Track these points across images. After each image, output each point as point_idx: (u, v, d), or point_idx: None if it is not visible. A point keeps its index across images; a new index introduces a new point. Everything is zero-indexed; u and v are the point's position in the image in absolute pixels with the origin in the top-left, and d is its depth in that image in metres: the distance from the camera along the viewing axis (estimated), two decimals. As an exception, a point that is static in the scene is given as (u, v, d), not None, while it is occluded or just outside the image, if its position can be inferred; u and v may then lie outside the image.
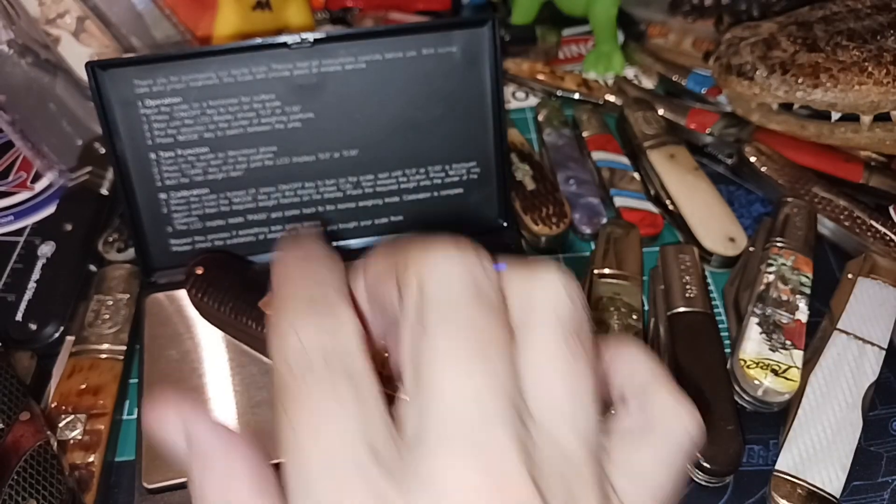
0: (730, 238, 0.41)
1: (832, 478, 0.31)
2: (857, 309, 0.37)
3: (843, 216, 0.42)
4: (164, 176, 0.37)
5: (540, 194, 0.43)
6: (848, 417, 0.33)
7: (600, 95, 0.51)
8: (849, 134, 0.44)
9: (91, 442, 0.33)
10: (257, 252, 0.39)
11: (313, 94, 0.36)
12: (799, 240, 0.39)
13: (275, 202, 0.38)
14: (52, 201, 0.46)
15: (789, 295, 0.36)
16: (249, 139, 0.37)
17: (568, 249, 0.43)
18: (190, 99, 0.35)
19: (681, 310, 0.37)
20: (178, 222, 0.37)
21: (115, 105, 0.35)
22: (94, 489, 0.32)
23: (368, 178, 0.39)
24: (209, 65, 0.35)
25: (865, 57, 0.41)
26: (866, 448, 0.34)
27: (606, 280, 0.38)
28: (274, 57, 0.35)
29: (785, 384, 0.33)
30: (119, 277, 0.39)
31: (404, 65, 0.37)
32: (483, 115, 0.38)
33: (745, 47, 0.44)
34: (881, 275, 0.38)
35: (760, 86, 0.43)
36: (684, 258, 0.39)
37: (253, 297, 0.33)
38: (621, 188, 0.44)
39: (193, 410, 0.17)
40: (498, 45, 0.37)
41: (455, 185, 0.40)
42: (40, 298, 0.38)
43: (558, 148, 0.47)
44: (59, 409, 0.33)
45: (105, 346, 0.36)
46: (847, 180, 0.45)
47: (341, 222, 0.39)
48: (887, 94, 0.41)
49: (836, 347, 0.35)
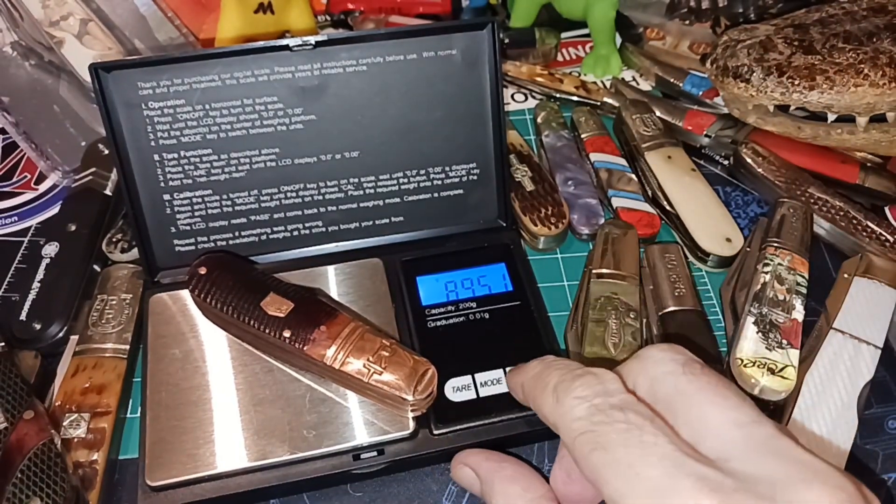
0: (726, 238, 0.41)
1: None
2: (853, 308, 0.37)
3: (839, 217, 0.42)
4: (168, 177, 0.37)
5: (539, 195, 0.43)
6: (844, 416, 0.33)
7: (598, 97, 0.52)
8: (845, 135, 0.44)
9: (95, 440, 0.33)
10: (260, 252, 0.39)
11: (315, 97, 0.37)
12: (795, 240, 0.39)
13: (277, 203, 0.38)
14: (56, 202, 0.46)
15: (785, 294, 0.37)
16: (252, 141, 0.37)
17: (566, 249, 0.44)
18: (193, 101, 0.36)
19: (671, 309, 0.37)
20: (181, 223, 0.38)
21: (119, 107, 0.35)
22: (98, 487, 0.32)
23: (369, 179, 0.39)
24: (212, 67, 0.35)
25: (861, 59, 0.42)
26: (862, 446, 0.34)
27: (604, 280, 0.38)
28: (276, 59, 0.36)
29: (781, 383, 0.34)
30: (123, 277, 0.39)
31: (405, 67, 0.37)
32: (483, 117, 0.39)
33: (742, 50, 0.45)
34: (877, 274, 0.38)
35: (757, 88, 0.43)
36: (670, 257, 0.40)
37: (255, 297, 0.33)
38: (619, 189, 0.44)
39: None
40: (497, 48, 0.37)
41: (455, 186, 0.40)
42: (44, 298, 0.38)
43: (557, 149, 0.47)
44: (62, 407, 0.34)
45: (109, 346, 0.36)
46: (843, 181, 0.45)
47: (343, 223, 0.39)
48: (883, 95, 0.41)
49: (832, 346, 0.35)
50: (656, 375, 0.22)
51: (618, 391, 0.22)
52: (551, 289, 0.41)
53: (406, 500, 0.33)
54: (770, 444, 0.19)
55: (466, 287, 0.37)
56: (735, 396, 0.21)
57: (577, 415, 0.21)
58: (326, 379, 0.33)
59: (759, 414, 0.20)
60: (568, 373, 0.23)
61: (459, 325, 0.36)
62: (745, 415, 0.20)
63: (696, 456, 0.19)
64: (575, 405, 0.21)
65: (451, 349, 0.35)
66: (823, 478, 0.18)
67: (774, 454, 0.19)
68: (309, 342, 0.31)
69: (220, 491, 0.31)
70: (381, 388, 0.30)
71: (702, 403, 0.21)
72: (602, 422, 0.21)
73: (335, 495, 0.33)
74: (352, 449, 0.31)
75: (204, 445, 0.31)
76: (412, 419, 0.32)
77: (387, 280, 0.38)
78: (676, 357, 0.22)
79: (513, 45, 0.56)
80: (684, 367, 0.22)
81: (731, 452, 0.19)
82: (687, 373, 0.22)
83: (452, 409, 0.33)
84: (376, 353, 0.31)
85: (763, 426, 0.20)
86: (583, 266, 0.42)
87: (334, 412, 0.32)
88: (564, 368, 0.23)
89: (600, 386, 0.22)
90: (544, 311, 0.37)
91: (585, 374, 0.22)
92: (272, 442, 0.31)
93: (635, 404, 0.21)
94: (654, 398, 0.22)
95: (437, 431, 0.32)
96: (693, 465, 0.19)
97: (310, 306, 0.33)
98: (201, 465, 0.31)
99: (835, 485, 0.18)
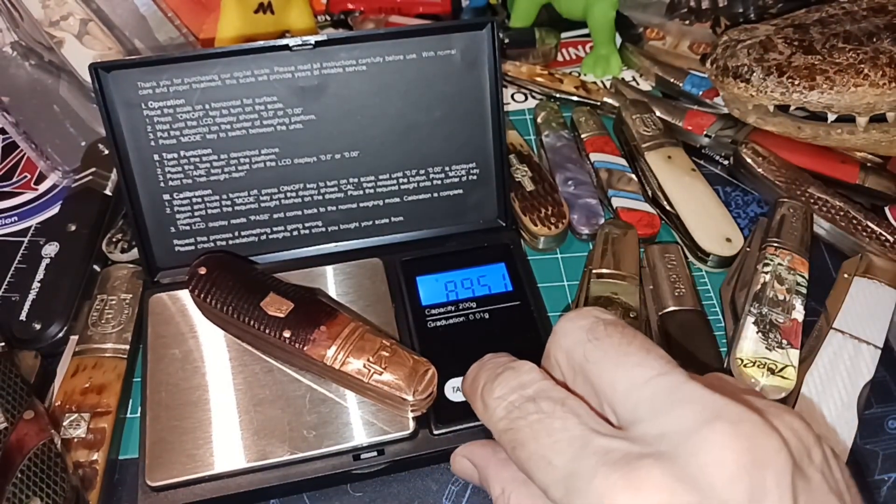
0: (726, 238, 0.41)
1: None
2: (853, 308, 0.37)
3: (839, 217, 0.42)
4: (168, 177, 0.37)
5: (539, 195, 0.43)
6: (844, 416, 0.33)
7: (598, 97, 0.52)
8: (845, 135, 0.44)
9: (95, 440, 0.33)
10: (260, 252, 0.39)
11: (315, 96, 0.37)
12: (795, 240, 0.39)
13: (277, 203, 0.38)
14: (56, 202, 0.46)
15: (785, 294, 0.37)
16: (252, 140, 0.37)
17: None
18: (193, 101, 0.36)
19: (671, 309, 0.37)
20: (181, 223, 0.38)
21: (119, 107, 0.35)
22: (98, 487, 0.32)
23: (369, 179, 0.39)
24: (212, 67, 0.35)
25: (861, 59, 0.42)
26: (862, 446, 0.34)
27: (604, 280, 0.38)
28: (276, 59, 0.36)
29: (781, 383, 0.34)
30: (122, 277, 0.39)
31: (404, 67, 0.37)
32: (482, 117, 0.39)
33: (742, 50, 0.45)
34: (877, 274, 0.38)
35: (757, 88, 0.43)
36: (670, 257, 0.40)
37: (255, 298, 0.33)
38: (619, 189, 0.44)
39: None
40: (497, 48, 0.37)
41: (455, 185, 0.40)
42: (44, 298, 0.38)
43: (557, 149, 0.47)
44: (62, 407, 0.34)
45: (109, 346, 0.36)
46: (843, 181, 0.45)
47: (342, 223, 0.39)
48: (883, 95, 0.41)
49: (832, 346, 0.35)
50: (567, 347, 0.22)
51: (532, 381, 0.21)
52: (551, 289, 0.41)
53: (406, 500, 0.33)
54: (676, 393, 0.19)
55: (466, 287, 0.37)
56: (639, 352, 0.20)
57: (498, 415, 0.21)
58: (326, 379, 0.33)
59: (666, 364, 0.20)
60: (492, 373, 0.23)
61: (459, 325, 0.36)
62: (649, 369, 0.19)
63: (605, 430, 0.19)
64: (496, 406, 0.22)
65: (451, 349, 0.35)
66: (724, 415, 0.18)
67: (679, 402, 0.18)
68: (309, 342, 0.31)
69: (221, 491, 0.31)
70: (381, 388, 0.30)
71: (608, 368, 0.20)
72: (517, 418, 0.21)
73: (335, 495, 0.33)
74: (352, 449, 0.31)
75: (204, 445, 0.31)
76: (412, 419, 0.32)
77: (387, 280, 0.38)
78: (581, 323, 0.22)
79: (513, 45, 0.56)
80: (588, 332, 0.21)
81: (640, 413, 0.19)
82: (591, 339, 0.21)
83: (452, 409, 0.33)
84: (376, 354, 0.31)
85: (668, 376, 0.19)
86: (583, 266, 0.42)
87: (334, 412, 0.32)
88: (491, 368, 0.23)
89: (516, 380, 0.22)
90: (544, 311, 0.37)
91: (505, 370, 0.22)
92: (272, 442, 0.31)
93: (549, 390, 0.21)
94: (572, 372, 0.22)
95: (437, 431, 0.32)
96: (598, 441, 0.18)
97: (310, 306, 0.33)
98: (201, 465, 0.31)
99: (735, 419, 0.18)
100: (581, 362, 0.21)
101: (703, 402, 0.18)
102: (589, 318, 0.22)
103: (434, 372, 0.31)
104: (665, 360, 0.20)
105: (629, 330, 0.21)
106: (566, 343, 0.22)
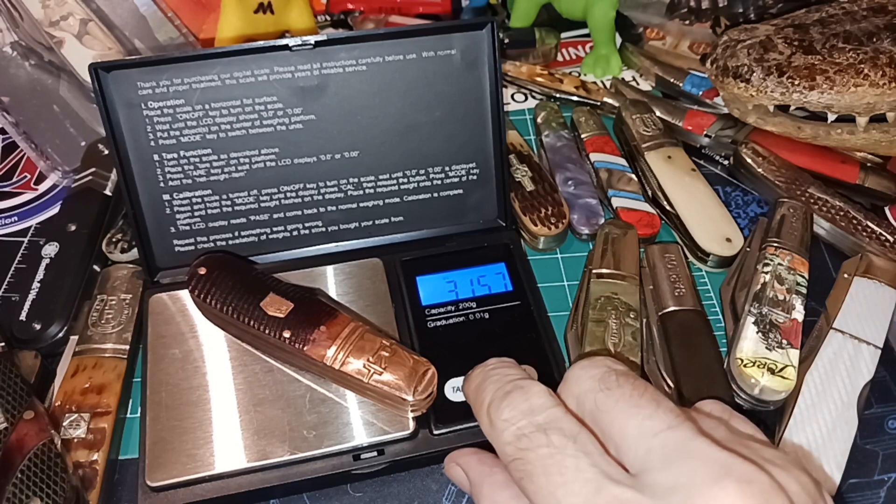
0: (726, 238, 0.41)
1: (828, 476, 0.32)
2: (853, 308, 0.37)
3: (839, 217, 0.42)
4: (168, 177, 0.37)
5: (539, 195, 0.43)
6: (844, 416, 0.33)
7: (598, 97, 0.52)
8: (845, 135, 0.44)
9: (95, 440, 0.33)
10: (260, 252, 0.39)
11: (315, 96, 0.37)
12: (795, 240, 0.39)
13: (277, 203, 0.38)
14: (56, 202, 0.47)
15: (785, 294, 0.37)
16: (251, 141, 0.37)
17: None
18: (193, 101, 0.36)
19: (671, 309, 0.37)
20: (181, 223, 0.38)
21: (119, 107, 0.35)
22: (98, 487, 0.32)
23: (369, 179, 0.39)
24: (212, 67, 0.35)
25: (861, 59, 0.42)
26: (862, 446, 0.34)
27: (604, 280, 0.38)
28: (276, 59, 0.36)
29: (781, 383, 0.34)
30: (122, 277, 0.39)
31: (404, 67, 0.37)
32: (482, 117, 0.39)
33: (742, 50, 0.45)
34: (877, 274, 0.38)
35: (757, 88, 0.43)
36: (670, 257, 0.40)
37: (255, 298, 0.33)
38: (619, 189, 0.44)
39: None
40: (497, 48, 0.37)
41: (455, 185, 0.40)
42: (44, 298, 0.38)
43: (557, 149, 0.47)
44: (62, 407, 0.34)
45: (108, 346, 0.36)
46: (843, 181, 0.45)
47: (342, 223, 0.39)
48: (883, 95, 0.41)
49: (832, 346, 0.35)
50: (579, 395, 0.22)
51: (543, 407, 0.21)
52: (551, 289, 0.41)
53: (406, 500, 0.33)
54: (685, 447, 0.19)
55: (466, 287, 0.37)
56: (649, 404, 0.21)
57: (505, 440, 0.21)
58: (326, 379, 0.33)
59: (675, 417, 0.20)
60: (500, 389, 0.23)
61: (459, 325, 0.36)
62: (659, 422, 0.20)
63: (616, 475, 0.19)
64: (504, 429, 0.22)
65: (451, 349, 0.35)
66: (733, 473, 0.18)
67: (689, 457, 0.19)
68: (309, 342, 0.31)
69: (221, 491, 0.31)
70: (381, 388, 0.30)
71: (619, 417, 0.21)
72: (526, 448, 0.21)
73: (335, 495, 0.33)
74: (352, 449, 0.31)
75: (204, 445, 0.31)
76: (412, 419, 0.32)
77: (387, 280, 0.38)
78: (593, 372, 0.22)
79: (513, 45, 0.56)
80: (600, 382, 0.22)
81: (650, 463, 0.19)
82: (602, 388, 0.22)
83: (452, 409, 0.33)
84: (376, 354, 0.31)
85: (678, 430, 0.20)
86: (583, 266, 0.42)
87: (334, 412, 0.32)
88: (498, 382, 0.23)
89: (526, 404, 0.22)
90: (544, 311, 0.37)
91: (514, 389, 0.22)
92: (272, 442, 0.31)
93: (560, 420, 0.21)
94: (583, 417, 0.22)
95: (437, 431, 0.32)
96: (611, 488, 0.19)
97: (310, 306, 0.33)
98: (201, 465, 0.31)
99: (744, 479, 0.18)
100: (592, 410, 0.21)
101: (713, 458, 0.19)
102: (601, 367, 0.22)
103: (434, 372, 0.31)
104: (675, 414, 0.20)
105: (640, 382, 0.22)
106: (577, 390, 0.22)
